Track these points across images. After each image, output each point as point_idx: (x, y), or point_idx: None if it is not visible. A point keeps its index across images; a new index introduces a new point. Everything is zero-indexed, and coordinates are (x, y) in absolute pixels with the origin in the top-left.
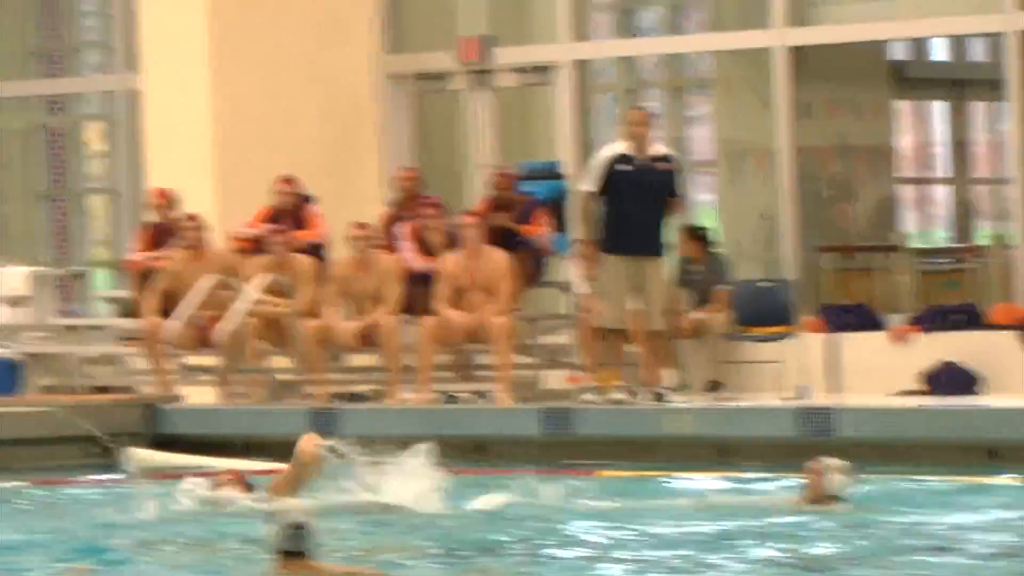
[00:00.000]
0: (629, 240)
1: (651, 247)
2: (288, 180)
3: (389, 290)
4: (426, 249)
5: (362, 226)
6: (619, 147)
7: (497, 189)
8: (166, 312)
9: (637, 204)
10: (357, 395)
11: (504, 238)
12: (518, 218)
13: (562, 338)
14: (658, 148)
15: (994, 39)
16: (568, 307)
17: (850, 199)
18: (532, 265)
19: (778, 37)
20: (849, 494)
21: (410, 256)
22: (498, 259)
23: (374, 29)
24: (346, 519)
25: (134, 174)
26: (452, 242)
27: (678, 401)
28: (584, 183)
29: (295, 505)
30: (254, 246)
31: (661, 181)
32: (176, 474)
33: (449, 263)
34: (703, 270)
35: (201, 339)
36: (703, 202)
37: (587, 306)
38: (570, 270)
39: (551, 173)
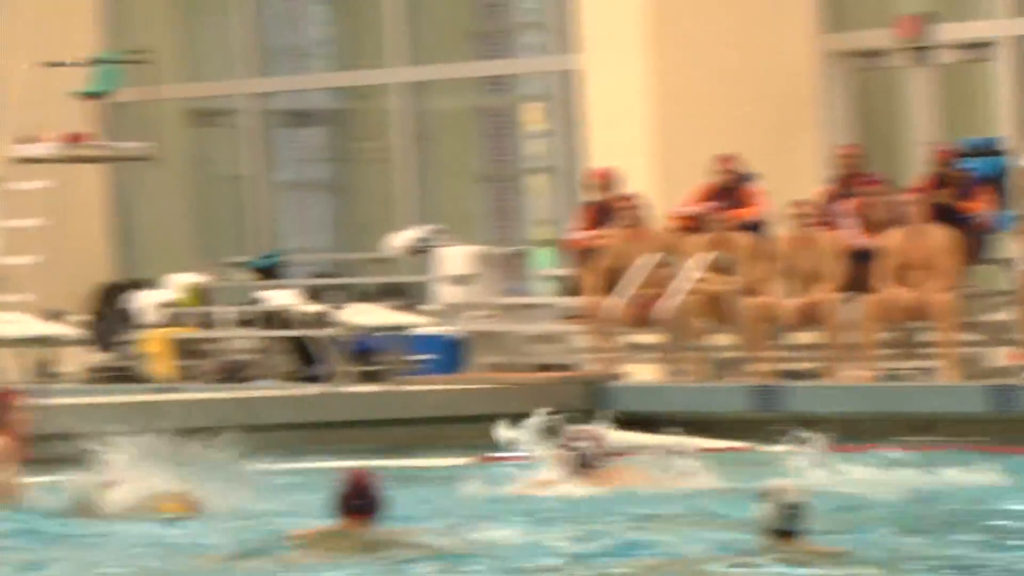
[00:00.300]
0: None
1: None
2: (727, 158)
3: (830, 267)
4: (868, 226)
5: (801, 204)
6: None
7: (937, 165)
8: (607, 290)
9: None
10: (798, 373)
11: (945, 215)
12: (958, 195)
13: (1004, 315)
14: None
15: None
16: (1010, 284)
17: None
18: (973, 242)
19: None
20: None
21: (852, 233)
22: (939, 236)
23: (812, 8)
24: None
25: (573, 153)
26: (894, 219)
27: None
28: None
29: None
30: (693, 224)
31: None
32: (620, 452)
33: (892, 240)
34: None
35: (642, 317)
36: None
37: None
38: (1011, 247)
39: (991, 149)
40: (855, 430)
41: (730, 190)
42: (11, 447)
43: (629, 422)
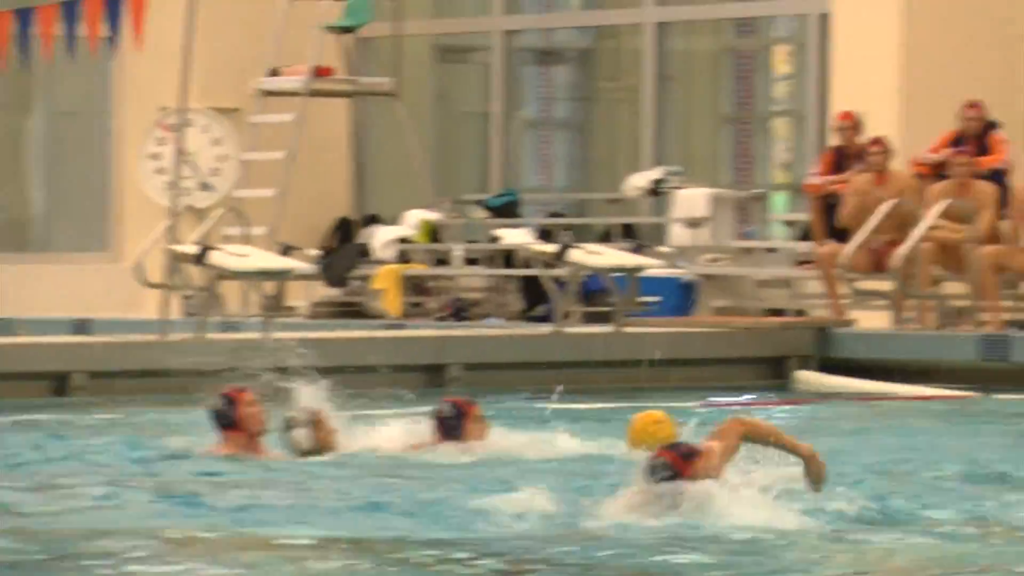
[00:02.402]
0: None
1: None
2: (975, 105)
3: None
4: None
5: None
6: None
7: None
8: (843, 235)
9: None
10: None
11: None
12: None
13: None
14: None
15: None
16: None
17: None
18: None
19: None
20: None
21: None
22: None
23: None
24: None
25: (819, 97)
26: None
27: None
28: None
29: None
30: (936, 171)
31: None
32: (847, 398)
33: None
34: None
35: (876, 263)
36: None
37: None
38: None
39: None
40: None
41: (975, 137)
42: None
43: (857, 369)
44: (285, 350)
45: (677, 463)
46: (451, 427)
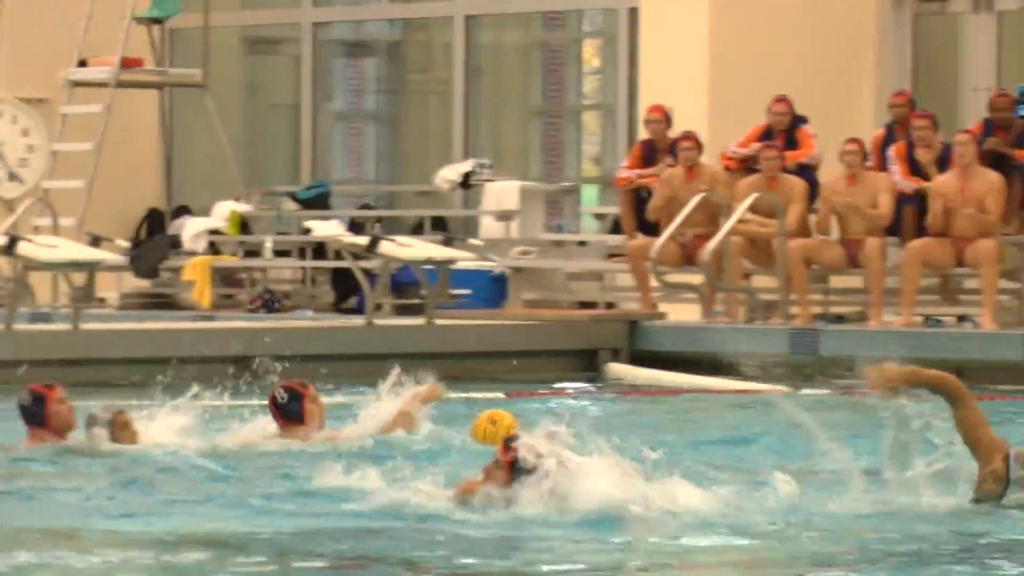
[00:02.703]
0: None
1: None
2: (782, 100)
3: (882, 201)
4: (915, 170)
5: (855, 141)
6: None
7: (995, 110)
8: (653, 229)
9: None
10: (839, 316)
11: (998, 162)
12: (1014, 143)
13: None
14: None
15: None
16: None
17: None
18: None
19: None
20: None
21: (897, 178)
22: (992, 179)
23: None
24: None
25: (629, 91)
26: (942, 163)
27: None
28: None
29: None
30: (745, 165)
31: None
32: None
33: (940, 182)
34: None
35: (686, 257)
36: None
37: None
38: None
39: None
40: None
41: (783, 132)
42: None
43: (667, 361)
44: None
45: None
46: (290, 411)
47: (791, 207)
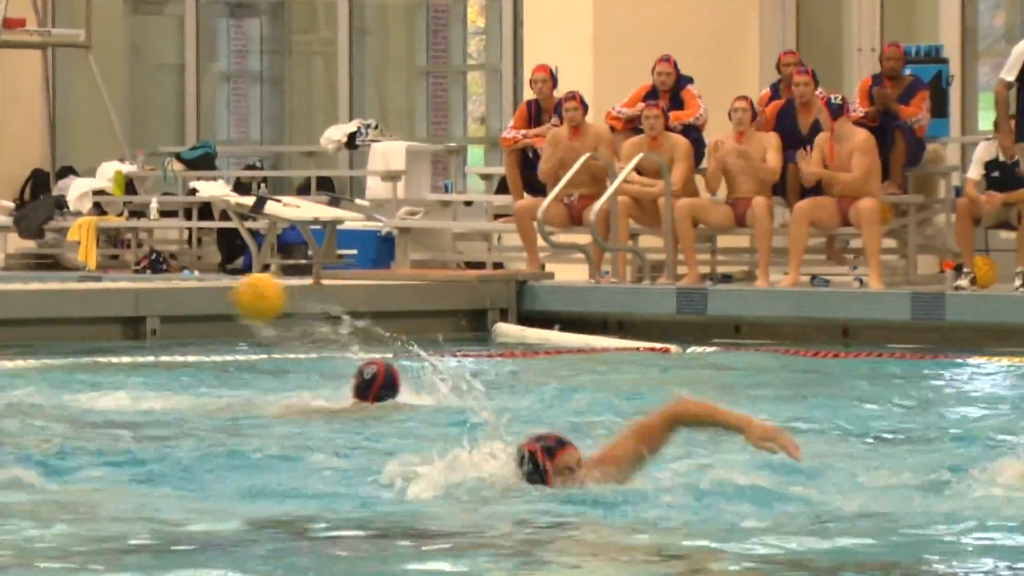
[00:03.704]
0: None
1: None
2: (667, 60)
3: (770, 156)
4: (793, 133)
5: (744, 99)
6: None
7: (885, 59)
8: (540, 189)
9: None
10: (726, 276)
11: (884, 118)
12: (901, 98)
13: (939, 223)
14: None
15: None
16: (946, 193)
17: None
18: (909, 147)
19: None
20: None
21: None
22: (862, 137)
23: None
24: None
25: (514, 51)
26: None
27: None
28: (1004, 72)
29: None
30: (630, 125)
31: None
32: (543, 350)
33: (823, 140)
34: None
35: (573, 217)
36: None
37: (971, 194)
38: (945, 156)
39: (934, 57)
40: (777, 335)
41: (668, 92)
42: None
43: (555, 321)
44: None
45: (543, 462)
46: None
47: (676, 166)
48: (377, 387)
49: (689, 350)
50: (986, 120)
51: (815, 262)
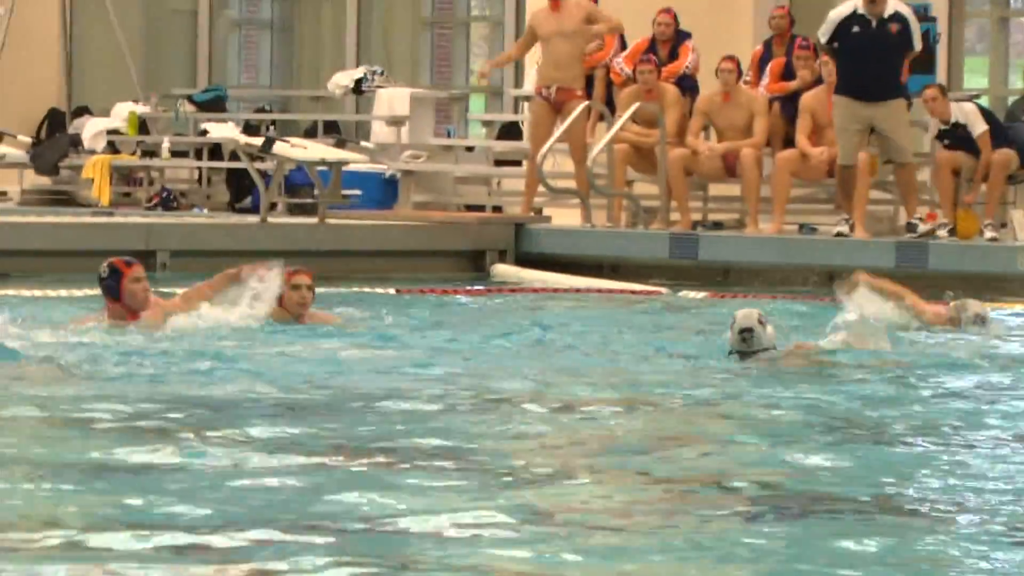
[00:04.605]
0: (862, 88)
1: (885, 92)
2: (667, 11)
3: (756, 124)
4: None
5: (731, 59)
6: (851, 5)
7: (774, 18)
8: (543, 137)
9: (867, 62)
10: (717, 223)
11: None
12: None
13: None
14: (893, 5)
15: None
16: (928, 146)
17: None
18: None
19: None
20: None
21: (774, 89)
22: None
23: None
24: None
25: (516, 3)
26: (817, 80)
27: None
28: (820, 32)
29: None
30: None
31: (892, 42)
32: (539, 289)
33: (809, 98)
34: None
35: (554, 110)
36: None
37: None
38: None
39: (922, 15)
40: (767, 280)
41: (667, 43)
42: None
43: (551, 263)
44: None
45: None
46: (110, 288)
47: (668, 113)
48: None
49: (680, 293)
50: (970, 79)
51: (805, 211)
